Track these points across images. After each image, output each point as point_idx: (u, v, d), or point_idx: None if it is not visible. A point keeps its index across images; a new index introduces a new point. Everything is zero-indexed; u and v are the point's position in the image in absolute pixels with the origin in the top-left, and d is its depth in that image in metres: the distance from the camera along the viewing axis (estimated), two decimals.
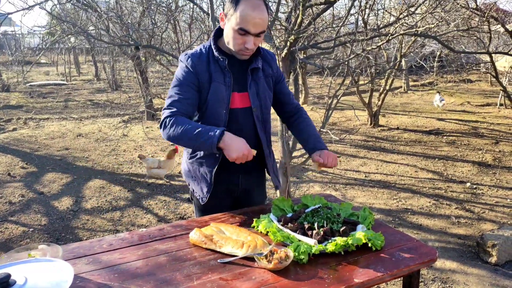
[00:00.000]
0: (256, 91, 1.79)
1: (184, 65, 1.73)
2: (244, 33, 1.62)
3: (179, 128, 1.61)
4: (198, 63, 1.71)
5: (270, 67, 1.86)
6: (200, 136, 1.58)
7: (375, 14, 3.97)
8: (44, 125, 7.79)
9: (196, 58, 1.72)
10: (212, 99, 1.72)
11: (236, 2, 1.61)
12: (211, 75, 1.71)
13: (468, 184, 4.70)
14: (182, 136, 1.61)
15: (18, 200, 4.35)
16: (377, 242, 1.47)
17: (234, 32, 1.63)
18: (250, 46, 1.65)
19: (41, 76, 15.29)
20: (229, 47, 1.70)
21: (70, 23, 4.31)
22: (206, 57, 1.73)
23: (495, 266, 3.09)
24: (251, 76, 1.78)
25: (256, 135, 1.83)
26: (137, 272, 1.35)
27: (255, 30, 1.62)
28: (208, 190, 1.80)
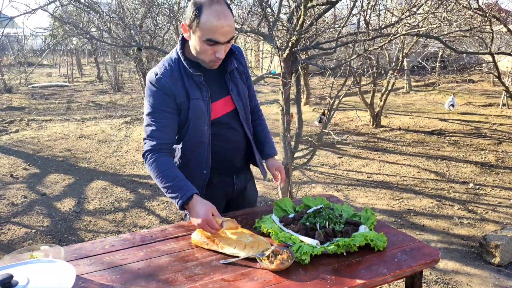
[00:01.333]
0: (237, 92, 1.77)
1: (156, 88, 1.61)
2: (213, 44, 1.52)
3: (156, 172, 1.60)
4: (172, 84, 1.61)
5: (241, 64, 1.82)
6: (170, 191, 1.58)
7: (377, 15, 3.97)
8: (47, 127, 7.81)
9: (168, 78, 1.61)
10: (193, 118, 1.66)
11: (198, 13, 1.49)
12: (188, 92, 1.63)
13: (470, 185, 4.69)
14: (157, 181, 1.62)
15: (20, 201, 4.36)
16: (379, 243, 1.46)
17: (202, 43, 1.53)
18: (221, 56, 1.56)
19: (43, 77, 15.34)
20: (199, 58, 1.61)
21: (73, 25, 4.32)
22: (178, 74, 1.63)
23: (498, 267, 3.07)
24: (230, 78, 1.74)
25: (244, 135, 1.84)
26: (139, 273, 1.35)
27: (225, 39, 1.53)
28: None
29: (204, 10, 1.48)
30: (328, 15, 4.65)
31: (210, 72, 1.68)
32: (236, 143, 1.83)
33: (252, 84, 1.96)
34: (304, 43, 3.69)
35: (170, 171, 1.60)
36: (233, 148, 1.82)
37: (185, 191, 1.55)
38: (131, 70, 12.15)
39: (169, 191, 1.58)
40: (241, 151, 1.87)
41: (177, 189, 1.56)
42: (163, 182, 1.59)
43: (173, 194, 1.56)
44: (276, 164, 1.92)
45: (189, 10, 1.53)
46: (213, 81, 1.70)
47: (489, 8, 4.34)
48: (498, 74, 5.57)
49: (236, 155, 1.86)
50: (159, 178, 1.60)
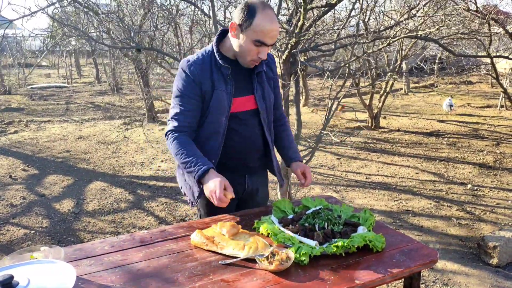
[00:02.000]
0: (262, 94, 1.83)
1: (185, 74, 1.72)
2: (260, 45, 1.64)
3: (176, 149, 1.71)
4: (201, 72, 1.71)
5: (271, 70, 1.91)
6: (188, 165, 1.67)
7: (376, 18, 3.98)
8: (45, 128, 7.81)
9: (199, 66, 1.72)
10: (214, 107, 1.74)
11: (251, 14, 1.61)
12: (214, 83, 1.72)
13: (469, 186, 4.70)
14: (177, 157, 1.71)
15: (19, 202, 4.35)
16: (378, 244, 1.47)
17: (249, 43, 1.64)
18: (264, 57, 1.68)
19: (42, 78, 15.32)
20: (240, 56, 1.71)
21: (72, 26, 4.32)
22: (208, 65, 1.73)
23: (496, 268, 3.09)
24: (257, 79, 1.81)
25: (262, 136, 1.87)
26: (139, 274, 1.36)
27: (271, 42, 1.65)
28: (199, 196, 1.80)
29: (258, 13, 1.60)
30: (327, 17, 4.67)
31: (239, 70, 1.76)
32: (252, 142, 1.85)
33: (280, 93, 2.03)
34: (303, 45, 3.70)
35: (189, 147, 1.70)
36: (248, 146, 1.84)
37: (202, 165, 1.64)
38: (130, 71, 12.14)
39: (187, 165, 1.67)
40: (256, 152, 1.89)
41: (195, 164, 1.65)
42: (182, 157, 1.68)
43: (191, 168, 1.65)
44: (301, 165, 1.92)
45: (240, 11, 1.64)
46: (240, 78, 1.77)
47: (488, 11, 4.36)
48: (496, 76, 5.59)
49: (249, 154, 1.87)
50: (179, 154, 1.69)
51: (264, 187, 2.04)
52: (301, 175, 1.88)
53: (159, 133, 7.31)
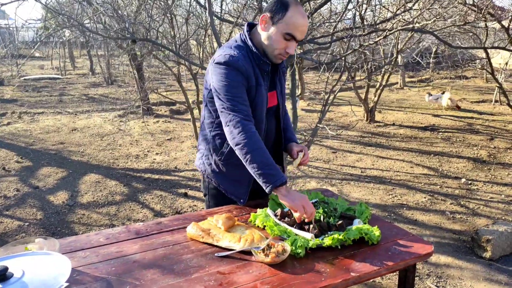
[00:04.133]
0: (281, 90, 1.87)
1: (233, 68, 1.64)
2: (290, 39, 1.64)
3: (250, 145, 1.58)
4: (247, 67, 1.67)
5: (284, 66, 1.94)
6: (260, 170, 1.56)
7: (372, 10, 3.97)
8: (39, 119, 7.74)
9: (243, 60, 1.66)
10: (258, 103, 1.72)
11: (285, 8, 1.62)
12: (257, 78, 1.71)
13: (463, 180, 4.73)
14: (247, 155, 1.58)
15: (13, 194, 4.32)
16: (373, 236, 1.47)
17: (280, 36, 1.64)
18: (292, 52, 1.68)
19: (35, 70, 15.17)
20: (268, 49, 1.69)
21: (65, 16, 4.27)
22: (250, 61, 1.69)
23: (489, 261, 3.12)
24: (277, 75, 1.83)
25: (278, 130, 1.90)
26: (134, 266, 1.35)
27: (301, 37, 1.66)
28: (246, 192, 1.81)
29: (291, 8, 1.62)
30: (324, 10, 4.65)
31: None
32: (271, 136, 1.87)
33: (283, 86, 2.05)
34: None
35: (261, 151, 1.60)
36: (267, 142, 1.84)
37: (282, 176, 1.57)
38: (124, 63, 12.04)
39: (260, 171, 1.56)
40: (272, 146, 1.90)
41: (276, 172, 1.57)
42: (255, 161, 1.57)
43: (270, 172, 1.56)
44: (299, 145, 1.90)
45: (273, 4, 1.65)
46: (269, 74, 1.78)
47: (484, 5, 4.36)
48: (491, 70, 5.61)
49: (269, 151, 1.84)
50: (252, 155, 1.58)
51: None
52: (296, 153, 1.85)
53: (154, 125, 7.28)
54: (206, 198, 1.96)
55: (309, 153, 1.90)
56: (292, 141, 1.93)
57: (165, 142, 6.27)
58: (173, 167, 5.19)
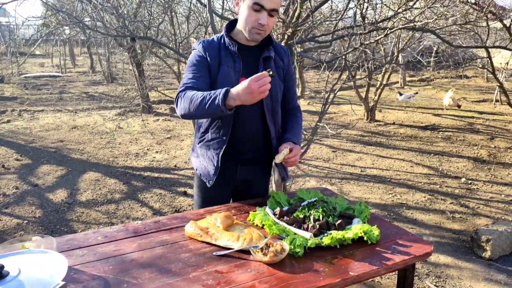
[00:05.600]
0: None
1: (196, 50, 1.79)
2: (259, 9, 1.66)
3: (188, 98, 1.62)
4: (209, 48, 1.76)
5: (282, 60, 1.88)
6: (204, 99, 1.56)
7: (373, 8, 3.95)
8: (39, 117, 7.74)
9: (207, 43, 1.78)
10: (221, 83, 1.72)
11: None
12: (221, 59, 1.75)
13: (463, 180, 4.72)
14: (190, 105, 1.60)
15: (12, 192, 4.32)
16: (373, 236, 1.46)
17: (249, 9, 1.68)
18: (263, 22, 1.68)
19: (36, 67, 15.16)
20: (243, 28, 1.74)
21: (66, 13, 4.26)
22: (217, 44, 1.79)
23: (489, 261, 3.11)
24: (263, 65, 1.79)
25: (265, 126, 1.81)
26: (132, 264, 1.34)
27: (270, 5, 1.67)
28: (215, 173, 1.78)
29: None
30: (325, 8, 4.63)
31: (249, 53, 1.78)
32: (250, 131, 1.80)
33: (294, 86, 1.98)
34: (300, 35, 3.66)
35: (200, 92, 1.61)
36: (246, 134, 1.80)
37: (220, 91, 1.54)
38: (124, 61, 12.04)
39: (205, 99, 1.55)
40: (254, 143, 1.83)
41: (213, 93, 1.55)
42: (196, 98, 1.58)
43: (211, 97, 1.54)
44: (291, 144, 1.76)
45: None
46: (250, 61, 1.78)
47: (485, 4, 4.34)
48: (492, 70, 5.59)
49: (246, 143, 1.82)
50: (191, 100, 1.59)
51: (261, 180, 1.98)
52: (282, 149, 1.72)
53: (154, 123, 7.27)
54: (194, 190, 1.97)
55: (299, 155, 1.76)
56: (289, 141, 1.79)
57: (165, 141, 6.26)
58: (173, 166, 5.18)
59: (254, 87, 1.46)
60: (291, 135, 1.83)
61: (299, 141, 1.85)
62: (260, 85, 1.47)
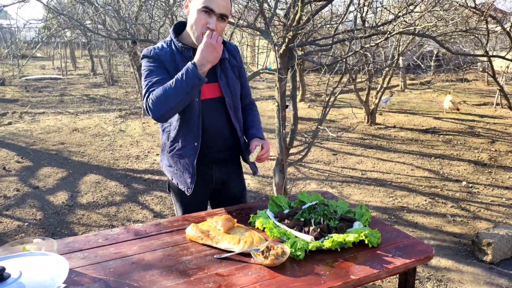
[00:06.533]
0: (226, 82, 1.82)
1: (148, 57, 1.73)
2: (208, 12, 1.64)
3: (159, 92, 1.60)
4: (163, 55, 1.73)
5: (234, 58, 1.90)
6: (178, 81, 1.58)
7: (374, 12, 3.96)
8: (40, 119, 7.74)
9: (159, 50, 1.74)
10: None
11: None
12: (178, 65, 1.72)
13: (464, 183, 4.72)
14: (164, 96, 1.59)
15: (13, 194, 4.32)
16: (373, 239, 1.46)
17: (198, 12, 1.65)
18: (212, 26, 1.65)
19: (37, 70, 15.18)
20: (192, 32, 1.70)
21: (67, 16, 4.27)
22: (169, 49, 1.75)
23: (490, 265, 3.10)
24: (220, 67, 1.80)
25: (230, 124, 1.85)
26: (133, 267, 1.35)
27: (219, 9, 1.65)
28: (192, 181, 1.80)
29: None
30: (325, 12, 4.64)
31: None
32: (219, 131, 1.83)
33: (247, 81, 2.00)
34: (300, 39, 3.67)
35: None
36: (215, 135, 1.82)
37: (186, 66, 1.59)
38: (125, 63, 12.05)
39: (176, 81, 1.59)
40: (224, 141, 1.86)
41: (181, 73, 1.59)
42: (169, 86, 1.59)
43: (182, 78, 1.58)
44: (260, 140, 1.82)
45: None
46: None
47: (486, 8, 4.35)
48: (493, 73, 5.60)
49: (217, 143, 1.84)
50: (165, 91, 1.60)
51: (236, 178, 2.01)
52: (254, 147, 1.76)
53: (155, 126, 7.28)
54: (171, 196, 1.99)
55: (270, 149, 1.81)
56: (256, 137, 1.85)
57: None
58: None
59: (213, 42, 1.56)
60: (255, 131, 1.89)
61: (263, 135, 1.90)
62: (214, 38, 1.56)
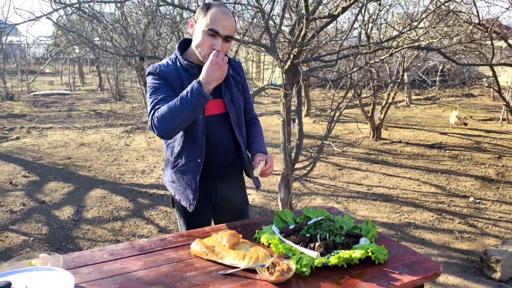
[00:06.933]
0: (231, 98, 1.85)
1: (154, 75, 1.76)
2: (213, 34, 1.67)
3: (164, 110, 1.63)
4: (168, 72, 1.76)
5: (238, 74, 1.93)
6: (183, 99, 1.60)
7: (378, 28, 4.00)
8: (47, 134, 7.82)
9: (164, 67, 1.77)
10: None
11: (207, 8, 1.70)
12: (183, 82, 1.74)
13: (471, 199, 4.67)
14: (170, 114, 1.61)
15: (19, 208, 4.34)
16: (380, 256, 1.45)
17: (203, 34, 1.68)
18: (218, 48, 1.68)
19: (45, 85, 15.40)
20: (197, 52, 1.73)
21: (76, 33, 4.35)
22: (174, 67, 1.78)
23: (499, 282, 3.05)
24: (224, 83, 1.82)
25: (234, 139, 1.88)
26: (138, 283, 1.34)
27: (224, 31, 1.68)
28: (194, 197, 1.81)
29: (212, 7, 1.70)
30: (330, 28, 4.70)
31: None
32: (223, 146, 1.85)
33: (250, 97, 2.03)
34: (305, 55, 3.71)
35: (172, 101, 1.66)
36: (219, 151, 1.83)
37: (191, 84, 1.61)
38: (132, 79, 12.20)
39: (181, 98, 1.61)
40: (228, 156, 1.88)
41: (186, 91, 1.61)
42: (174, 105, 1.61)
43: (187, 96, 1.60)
44: (264, 155, 1.83)
45: (198, 10, 1.73)
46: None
47: (490, 24, 4.38)
48: (498, 88, 5.59)
49: (221, 158, 1.86)
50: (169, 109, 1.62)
51: (239, 192, 2.02)
52: (258, 162, 1.78)
53: (160, 141, 7.31)
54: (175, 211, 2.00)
55: (273, 164, 1.82)
56: (259, 152, 1.86)
57: None
58: None
59: (218, 60, 1.59)
60: (259, 146, 1.91)
61: (266, 150, 1.92)
62: (221, 57, 1.60)
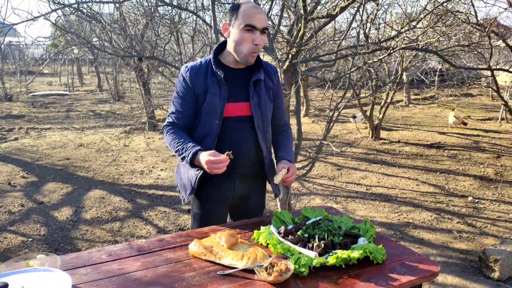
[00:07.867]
0: (258, 102, 1.85)
1: (183, 78, 1.83)
2: (251, 29, 1.70)
3: (168, 140, 1.84)
4: (195, 76, 1.80)
5: (271, 80, 1.93)
6: (180, 152, 1.77)
7: (377, 28, 4.00)
8: (46, 135, 7.81)
9: (195, 71, 1.82)
10: (206, 110, 1.80)
11: (237, 7, 1.73)
12: (208, 87, 1.79)
13: (470, 198, 4.68)
14: (171, 146, 1.83)
15: (17, 209, 4.33)
16: (378, 256, 1.45)
17: (241, 32, 1.72)
18: (259, 42, 1.72)
19: (44, 86, 15.38)
20: (238, 51, 1.76)
21: (74, 34, 4.35)
22: (204, 70, 1.82)
23: (497, 282, 3.05)
24: (254, 87, 1.84)
25: (256, 143, 1.88)
26: (136, 283, 1.34)
27: (261, 24, 1.71)
28: (190, 193, 1.85)
29: (242, 5, 1.74)
30: (328, 28, 4.70)
31: (238, 77, 1.83)
32: (243, 148, 1.85)
33: (282, 104, 2.03)
34: (304, 55, 3.71)
35: (180, 136, 1.81)
36: (239, 151, 1.83)
37: (191, 149, 1.73)
38: (131, 80, 12.19)
39: (179, 153, 1.77)
40: (248, 158, 1.88)
41: (185, 150, 1.75)
42: (174, 146, 1.79)
43: (183, 154, 1.75)
44: (287, 162, 1.85)
45: (228, 13, 1.78)
46: (237, 85, 1.83)
47: (488, 23, 4.38)
48: (497, 89, 5.60)
49: (240, 159, 1.85)
50: (172, 144, 1.80)
51: (257, 195, 2.02)
52: (280, 169, 1.79)
53: (159, 141, 7.31)
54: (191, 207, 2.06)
55: (295, 173, 1.84)
56: (284, 159, 1.88)
57: (170, 158, 6.28)
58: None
59: (208, 166, 1.66)
60: (284, 153, 1.93)
61: (292, 158, 1.93)
62: (214, 167, 1.65)
